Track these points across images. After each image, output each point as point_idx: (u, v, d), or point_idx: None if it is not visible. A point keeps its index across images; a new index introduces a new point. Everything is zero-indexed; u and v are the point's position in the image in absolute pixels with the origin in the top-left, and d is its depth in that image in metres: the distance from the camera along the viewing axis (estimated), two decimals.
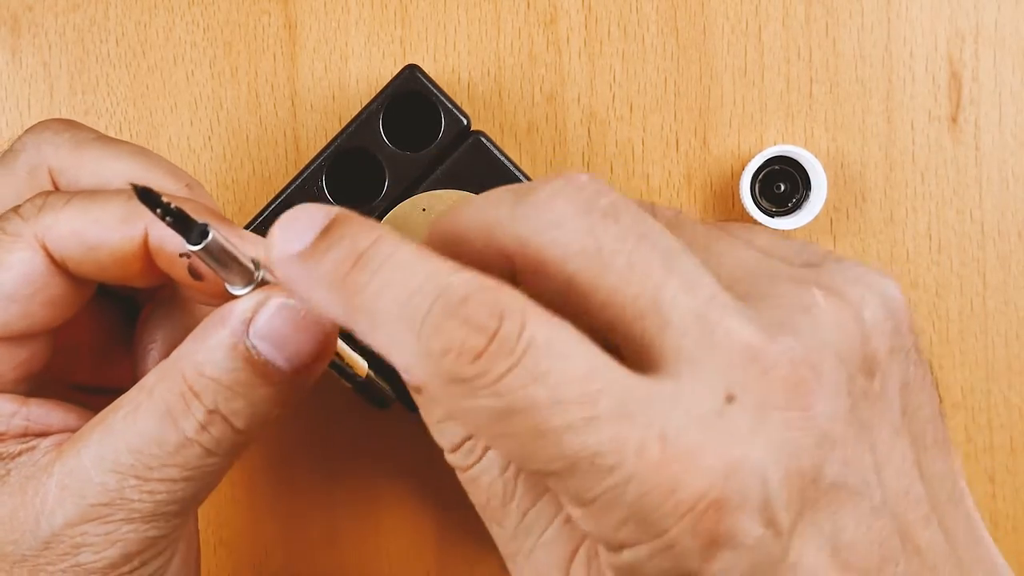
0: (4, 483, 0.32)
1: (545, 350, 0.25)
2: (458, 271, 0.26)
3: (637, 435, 0.25)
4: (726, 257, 0.28)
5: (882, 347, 0.28)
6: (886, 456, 0.27)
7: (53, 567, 0.32)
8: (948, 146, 0.45)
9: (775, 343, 0.26)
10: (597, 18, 0.45)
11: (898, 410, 0.28)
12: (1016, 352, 0.46)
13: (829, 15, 0.45)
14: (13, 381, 0.34)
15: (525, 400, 0.25)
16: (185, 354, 0.31)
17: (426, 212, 0.41)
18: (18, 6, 0.44)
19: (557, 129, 0.45)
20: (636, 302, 0.26)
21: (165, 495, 0.32)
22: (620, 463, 0.25)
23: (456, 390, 0.25)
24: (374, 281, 0.26)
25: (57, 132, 0.35)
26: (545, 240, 0.27)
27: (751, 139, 0.45)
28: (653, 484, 0.25)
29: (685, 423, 0.25)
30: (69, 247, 0.33)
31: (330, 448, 0.46)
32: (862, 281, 0.28)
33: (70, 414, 0.34)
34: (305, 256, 0.27)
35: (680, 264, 0.26)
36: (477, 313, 0.25)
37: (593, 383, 0.25)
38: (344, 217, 0.27)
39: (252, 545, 0.46)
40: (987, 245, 0.46)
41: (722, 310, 0.26)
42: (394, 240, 0.26)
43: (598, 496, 0.25)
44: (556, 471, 0.25)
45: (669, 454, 0.25)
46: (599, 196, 0.27)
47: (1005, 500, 0.46)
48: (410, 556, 0.46)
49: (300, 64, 0.45)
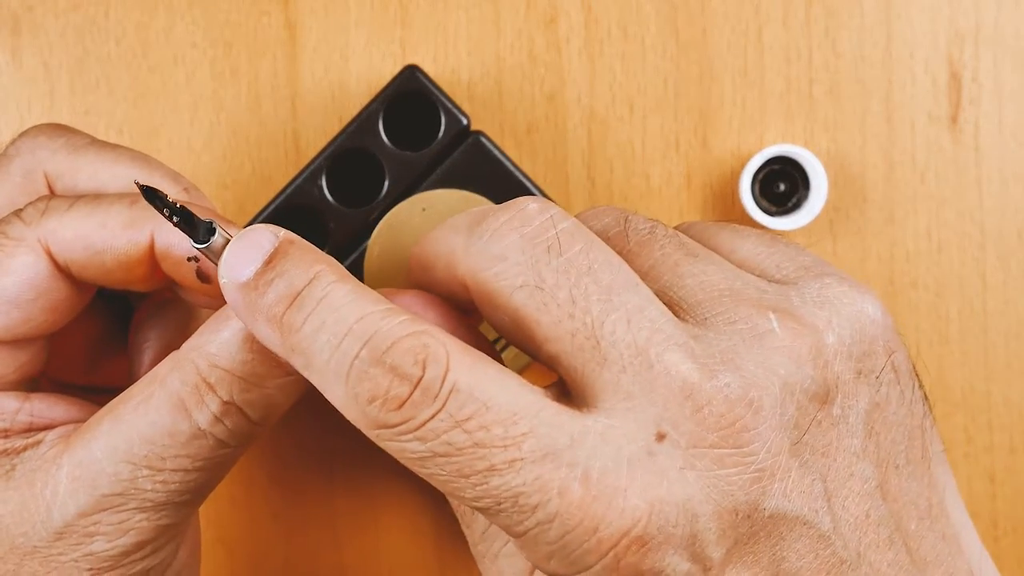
0: (10, 478, 0.32)
1: (467, 395, 0.26)
2: (387, 316, 0.26)
3: (560, 476, 0.25)
4: (689, 279, 0.28)
5: (846, 371, 0.28)
6: (842, 482, 0.28)
7: (65, 557, 0.32)
8: (948, 146, 0.45)
9: (713, 380, 0.26)
10: (597, 18, 0.45)
11: (861, 433, 0.28)
12: (1016, 352, 0.46)
13: (829, 15, 0.45)
14: (14, 382, 0.34)
15: (447, 446, 0.26)
16: (197, 345, 0.31)
17: (426, 212, 0.41)
18: (18, 6, 0.45)
19: (557, 129, 0.45)
20: (575, 337, 0.26)
21: (178, 484, 0.32)
22: (543, 503, 0.25)
23: (383, 434, 0.26)
24: (308, 323, 0.27)
25: (52, 137, 0.35)
26: (490, 274, 0.27)
27: (751, 139, 0.45)
28: (576, 523, 0.25)
29: (613, 462, 0.26)
30: (73, 252, 0.33)
31: (330, 448, 0.46)
32: (834, 302, 0.28)
33: (72, 407, 0.34)
34: (247, 288, 0.28)
35: (624, 297, 0.27)
36: (402, 360, 0.26)
37: (517, 426, 0.26)
38: (285, 249, 0.28)
39: (251, 545, 0.46)
40: (987, 245, 0.46)
41: (663, 344, 0.26)
42: (330, 280, 0.27)
43: (526, 531, 0.26)
44: (483, 508, 0.26)
45: (592, 494, 0.25)
46: (545, 228, 0.27)
47: (1005, 500, 0.46)
48: (410, 556, 0.46)
49: (300, 64, 0.45)
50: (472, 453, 0.25)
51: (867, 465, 0.28)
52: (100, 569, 0.32)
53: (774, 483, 0.26)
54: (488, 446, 0.25)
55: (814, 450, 0.27)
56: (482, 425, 0.25)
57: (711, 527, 0.26)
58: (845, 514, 0.27)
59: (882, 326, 0.29)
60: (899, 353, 0.29)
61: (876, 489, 0.28)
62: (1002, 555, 0.46)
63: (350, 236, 0.42)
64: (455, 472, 0.26)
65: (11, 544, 0.32)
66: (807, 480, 0.27)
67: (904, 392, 0.29)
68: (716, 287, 0.28)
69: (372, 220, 0.41)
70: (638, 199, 0.45)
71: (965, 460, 0.46)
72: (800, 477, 0.27)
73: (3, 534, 0.32)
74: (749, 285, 0.28)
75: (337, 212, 0.41)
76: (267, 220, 0.41)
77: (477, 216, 0.28)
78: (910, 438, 0.29)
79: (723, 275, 0.28)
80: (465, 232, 0.28)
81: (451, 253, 0.29)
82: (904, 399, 0.29)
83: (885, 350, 0.29)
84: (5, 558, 0.32)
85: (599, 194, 0.45)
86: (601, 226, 0.30)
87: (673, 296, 0.28)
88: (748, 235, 0.31)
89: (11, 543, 0.32)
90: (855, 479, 0.28)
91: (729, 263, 0.29)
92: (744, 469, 0.26)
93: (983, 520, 0.46)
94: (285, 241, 0.28)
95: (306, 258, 0.28)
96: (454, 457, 0.26)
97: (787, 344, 0.27)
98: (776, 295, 0.28)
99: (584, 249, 0.27)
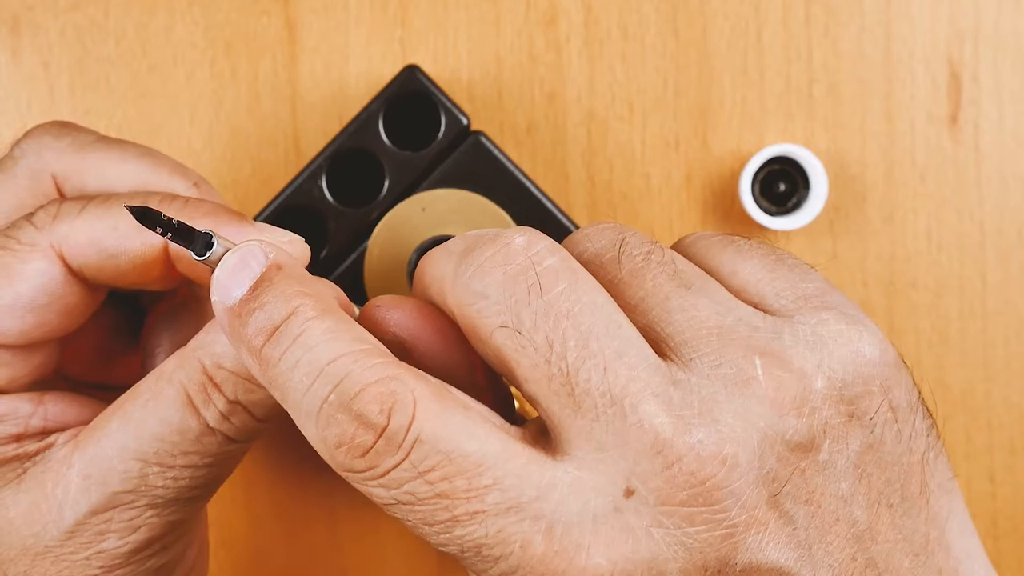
0: (20, 481, 0.32)
1: (430, 447, 0.26)
2: (360, 359, 0.26)
3: (523, 529, 0.25)
4: (678, 315, 0.28)
5: (835, 415, 0.27)
6: (827, 528, 0.27)
7: (76, 556, 0.32)
8: (948, 146, 0.45)
9: (686, 435, 0.26)
10: (597, 18, 0.45)
11: (851, 476, 0.28)
12: (1016, 352, 0.46)
13: (829, 15, 0.45)
14: (27, 384, 0.34)
15: (410, 496, 0.26)
16: (203, 344, 0.31)
17: (426, 212, 0.41)
18: (18, 6, 0.44)
19: (557, 129, 0.45)
20: (551, 383, 0.26)
21: (188, 480, 0.32)
22: (505, 555, 0.25)
23: (351, 476, 0.26)
24: (284, 359, 0.27)
25: (57, 136, 0.35)
26: (472, 311, 0.27)
27: (751, 139, 0.45)
28: None
29: (577, 517, 0.25)
30: (87, 256, 0.33)
31: None
32: (828, 343, 0.28)
33: (85, 408, 0.34)
34: (233, 315, 0.28)
35: (603, 342, 0.26)
36: (368, 408, 0.26)
37: (481, 477, 0.26)
38: (269, 276, 0.28)
39: (252, 546, 0.46)
40: (987, 245, 0.46)
41: (639, 394, 0.26)
42: (308, 316, 0.27)
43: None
44: (450, 553, 0.26)
45: (554, 549, 0.25)
46: (529, 266, 0.27)
47: (1005, 500, 0.46)
48: (410, 556, 0.46)
49: (300, 64, 0.45)
50: (435, 504, 0.26)
51: (855, 508, 0.27)
52: (111, 567, 0.32)
53: (748, 537, 0.26)
54: (451, 497, 0.25)
55: (796, 499, 0.27)
56: (445, 476, 0.25)
57: None
58: (829, 559, 0.27)
59: (880, 364, 0.28)
60: (898, 390, 0.28)
61: (865, 531, 0.28)
62: (1002, 555, 0.46)
63: (350, 236, 0.42)
64: (419, 520, 0.26)
65: (22, 546, 0.32)
66: (787, 530, 0.26)
67: (902, 430, 0.28)
68: (705, 324, 0.27)
69: (372, 220, 0.41)
70: (638, 199, 0.45)
71: (965, 460, 0.46)
72: (778, 528, 0.26)
73: (14, 536, 0.32)
74: (740, 323, 0.28)
75: (337, 212, 0.41)
76: (267, 220, 0.41)
77: (470, 243, 0.28)
78: (907, 475, 0.28)
79: (714, 310, 0.28)
80: (456, 260, 0.28)
81: (442, 280, 0.29)
82: (901, 436, 0.28)
83: (881, 389, 0.28)
84: (16, 560, 0.32)
85: (599, 194, 0.45)
86: (596, 249, 0.29)
87: (660, 333, 0.28)
88: (751, 256, 0.30)
89: (22, 545, 0.32)
90: (841, 523, 0.27)
91: (724, 292, 0.29)
92: (715, 527, 0.26)
93: (983, 520, 0.46)
94: (272, 266, 0.28)
95: (288, 290, 0.27)
96: (417, 506, 0.26)
97: (770, 394, 0.26)
98: (768, 334, 0.28)
99: (567, 290, 0.27)
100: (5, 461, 0.32)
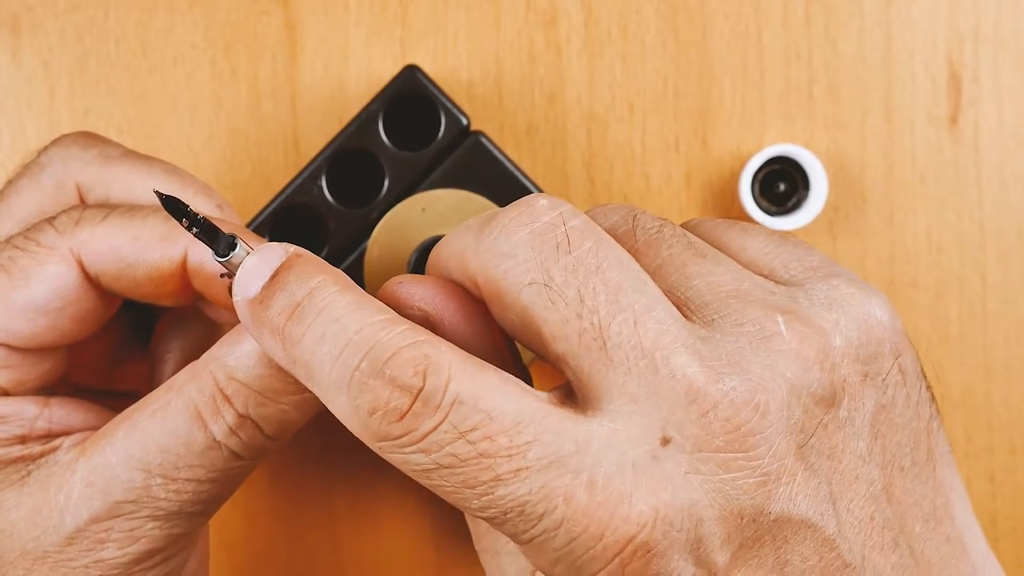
0: (24, 483, 0.32)
1: (470, 406, 0.25)
2: (388, 326, 0.26)
3: (565, 482, 0.25)
4: (697, 279, 0.28)
5: (852, 374, 0.28)
6: (847, 485, 0.28)
7: (75, 563, 0.32)
8: (948, 147, 0.45)
9: (719, 383, 0.26)
10: (597, 19, 0.45)
11: (868, 436, 0.28)
12: (1016, 352, 0.46)
13: (829, 16, 0.45)
14: (34, 388, 0.34)
15: (452, 458, 0.25)
16: (216, 356, 0.31)
17: (426, 212, 0.41)
18: (18, 6, 0.44)
19: (557, 129, 0.45)
20: (582, 338, 0.26)
21: (191, 494, 0.32)
22: (549, 511, 0.25)
23: (386, 446, 0.26)
24: (308, 334, 0.27)
25: (85, 147, 0.35)
26: (499, 271, 0.27)
27: (751, 139, 0.45)
28: (581, 529, 0.25)
29: (617, 468, 0.25)
30: (105, 263, 0.32)
31: (330, 448, 0.46)
32: (842, 304, 0.28)
33: (90, 414, 0.34)
34: (254, 304, 0.28)
35: (632, 297, 0.26)
36: (402, 371, 0.25)
37: (522, 434, 0.25)
38: (290, 263, 0.28)
39: (252, 545, 0.46)
40: (987, 245, 0.46)
41: (670, 346, 0.26)
42: (331, 290, 0.27)
43: (532, 538, 0.26)
44: (489, 518, 0.26)
45: (597, 500, 0.25)
46: (555, 225, 0.27)
47: (1005, 500, 0.46)
48: (409, 557, 0.46)
49: (300, 64, 0.45)
50: (477, 464, 0.25)
51: (873, 468, 0.28)
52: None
53: (779, 486, 0.26)
54: (493, 456, 0.25)
55: (820, 453, 0.27)
56: (486, 435, 0.25)
57: (716, 531, 0.26)
58: (850, 517, 0.27)
59: (889, 328, 0.29)
60: (906, 355, 0.29)
61: (881, 492, 0.28)
62: (1002, 555, 0.46)
63: (350, 236, 0.42)
64: (460, 483, 0.26)
65: (22, 549, 0.32)
66: (813, 483, 0.27)
67: (911, 394, 0.29)
68: (724, 288, 0.28)
69: (372, 220, 0.41)
70: (638, 199, 0.45)
71: (965, 460, 0.46)
72: (806, 480, 0.27)
73: (15, 539, 0.32)
74: (757, 286, 0.28)
75: (337, 212, 0.41)
76: (267, 220, 0.41)
77: (488, 215, 0.28)
78: (916, 440, 0.29)
79: (731, 276, 0.28)
80: (476, 230, 0.28)
81: (463, 253, 0.28)
82: (910, 401, 0.29)
83: (892, 352, 0.29)
84: (15, 563, 0.32)
85: (599, 194, 0.45)
86: (609, 224, 0.30)
87: (680, 296, 0.28)
88: (756, 234, 0.31)
89: (22, 548, 0.32)
90: (860, 482, 0.28)
91: (737, 263, 0.29)
92: (750, 473, 0.26)
93: (983, 520, 0.46)
94: (293, 255, 0.28)
95: (308, 269, 0.27)
96: (458, 468, 0.25)
97: (794, 347, 0.27)
98: (784, 297, 0.28)
99: (594, 247, 0.27)
100: (9, 462, 0.32)
